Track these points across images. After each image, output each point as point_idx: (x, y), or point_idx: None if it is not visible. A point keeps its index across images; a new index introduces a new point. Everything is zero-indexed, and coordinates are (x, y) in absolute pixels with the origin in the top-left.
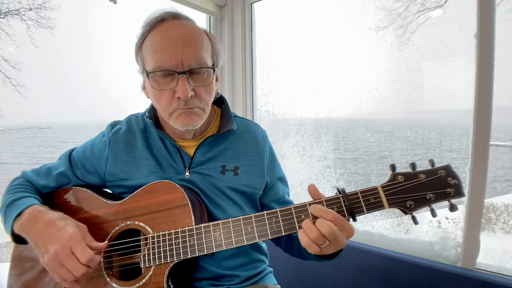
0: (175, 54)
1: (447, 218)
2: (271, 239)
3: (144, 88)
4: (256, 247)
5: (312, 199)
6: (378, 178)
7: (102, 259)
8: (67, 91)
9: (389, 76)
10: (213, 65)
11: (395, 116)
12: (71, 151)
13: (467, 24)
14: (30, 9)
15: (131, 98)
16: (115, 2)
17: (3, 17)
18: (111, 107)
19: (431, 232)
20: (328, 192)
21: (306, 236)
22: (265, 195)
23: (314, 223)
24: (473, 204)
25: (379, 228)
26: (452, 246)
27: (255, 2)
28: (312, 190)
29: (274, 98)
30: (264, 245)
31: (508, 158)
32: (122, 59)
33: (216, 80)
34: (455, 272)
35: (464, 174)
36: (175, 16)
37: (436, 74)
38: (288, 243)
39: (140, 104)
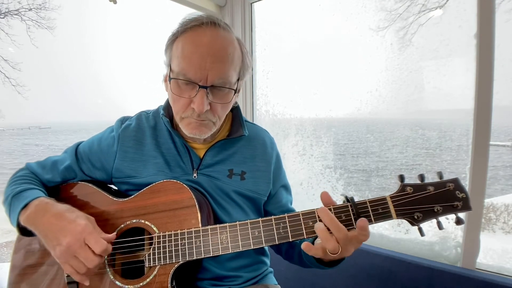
0: (202, 67)
1: (447, 218)
2: (271, 247)
3: (165, 80)
4: (259, 249)
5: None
6: (378, 178)
7: (106, 256)
8: (67, 91)
9: (389, 76)
10: (238, 79)
11: (395, 116)
12: (78, 144)
13: (467, 24)
14: (30, 9)
15: (130, 98)
16: (115, 2)
17: (3, 17)
18: (111, 107)
19: (431, 232)
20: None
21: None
22: (269, 202)
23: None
24: (473, 204)
25: (379, 228)
26: (452, 246)
27: (255, 2)
28: (324, 197)
29: (274, 98)
30: (265, 246)
31: (508, 158)
32: (122, 59)
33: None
34: (455, 272)
35: (464, 174)
36: (213, 23)
37: (436, 74)
38: (288, 250)
39: (139, 103)
